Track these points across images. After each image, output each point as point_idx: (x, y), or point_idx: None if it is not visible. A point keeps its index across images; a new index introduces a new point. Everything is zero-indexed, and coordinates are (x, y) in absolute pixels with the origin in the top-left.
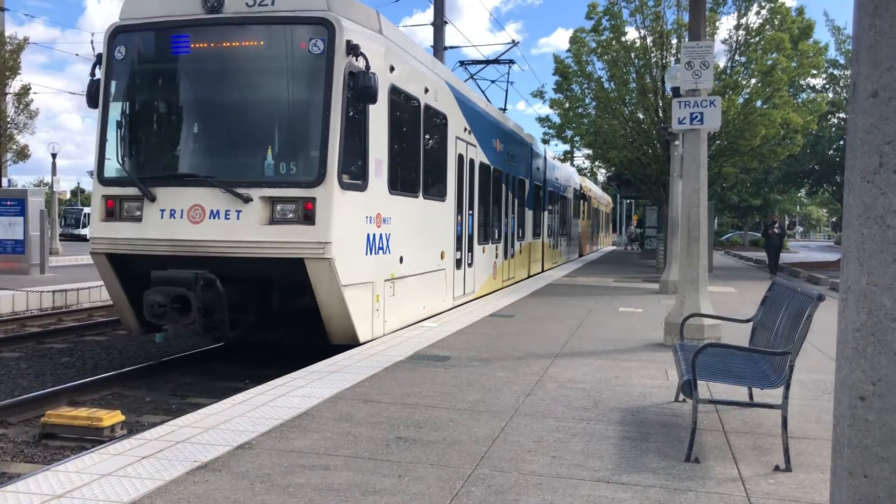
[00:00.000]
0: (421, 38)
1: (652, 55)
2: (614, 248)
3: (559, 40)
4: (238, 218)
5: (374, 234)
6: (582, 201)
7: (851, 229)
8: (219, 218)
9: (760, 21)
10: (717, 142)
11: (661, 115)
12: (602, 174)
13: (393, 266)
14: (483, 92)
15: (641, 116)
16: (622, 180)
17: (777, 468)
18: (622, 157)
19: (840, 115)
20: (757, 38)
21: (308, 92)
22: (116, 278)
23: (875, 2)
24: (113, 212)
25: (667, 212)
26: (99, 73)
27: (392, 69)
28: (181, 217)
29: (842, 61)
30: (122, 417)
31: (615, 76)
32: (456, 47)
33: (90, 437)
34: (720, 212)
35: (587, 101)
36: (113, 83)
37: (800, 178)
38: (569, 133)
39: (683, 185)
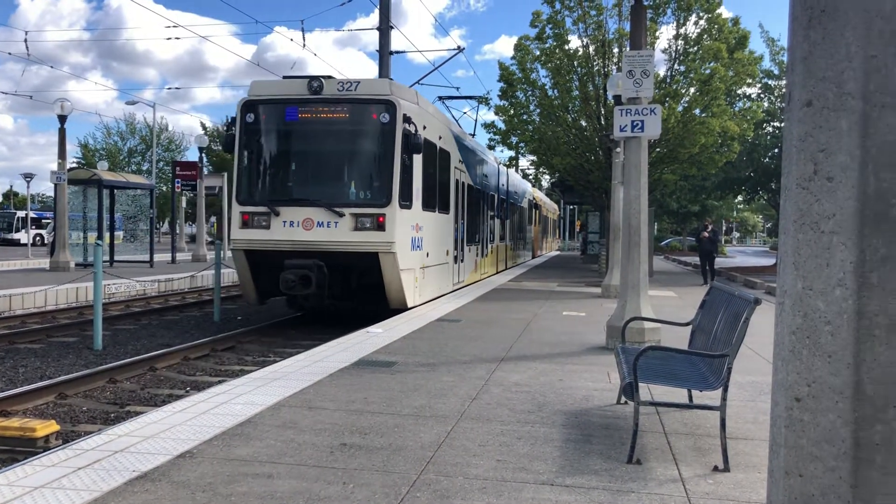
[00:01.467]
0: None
1: (594, 64)
2: (559, 252)
3: (503, 47)
4: (336, 226)
5: (414, 237)
6: (534, 210)
7: (787, 235)
8: (323, 226)
9: (698, 31)
10: (658, 149)
11: (603, 122)
12: (546, 180)
13: (423, 259)
14: (457, 120)
15: (584, 124)
16: (566, 186)
17: (716, 468)
18: (565, 164)
19: (775, 124)
20: (695, 48)
21: (379, 146)
22: (247, 266)
23: (809, 14)
24: (247, 223)
25: (609, 217)
26: (233, 130)
27: (424, 128)
28: (298, 226)
29: (776, 72)
30: (57, 427)
31: (558, 84)
32: (401, 52)
33: (22, 449)
34: (660, 217)
35: (531, 108)
36: (245, 137)
37: (737, 184)
38: (514, 139)
39: (625, 191)
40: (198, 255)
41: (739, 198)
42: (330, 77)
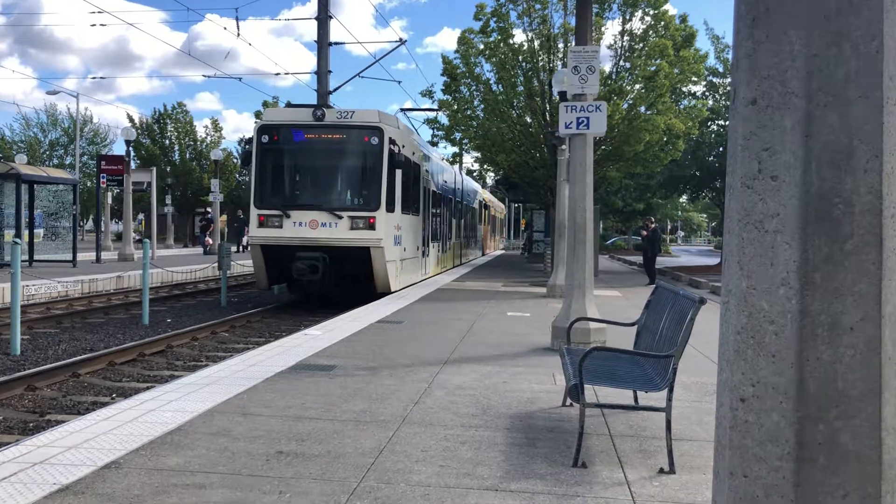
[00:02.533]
0: (301, 31)
1: (539, 59)
2: (503, 251)
3: (445, 40)
4: (336, 226)
5: (396, 235)
6: (484, 210)
7: (732, 234)
8: (326, 226)
9: (644, 27)
10: (603, 146)
11: (548, 119)
12: (491, 177)
13: (402, 252)
14: (416, 129)
15: (529, 120)
16: (510, 184)
17: (661, 470)
18: (510, 161)
19: (719, 122)
20: (641, 45)
21: (370, 163)
22: (262, 258)
23: (753, 13)
24: (263, 223)
25: (554, 215)
26: (250, 148)
27: (403, 147)
28: (305, 226)
29: (721, 69)
30: None
31: (503, 79)
32: (340, 43)
33: None
34: (605, 216)
35: (476, 103)
36: (260, 154)
37: (681, 183)
38: (457, 135)
39: (570, 188)
40: (124, 255)
41: (684, 197)
42: (330, 107)
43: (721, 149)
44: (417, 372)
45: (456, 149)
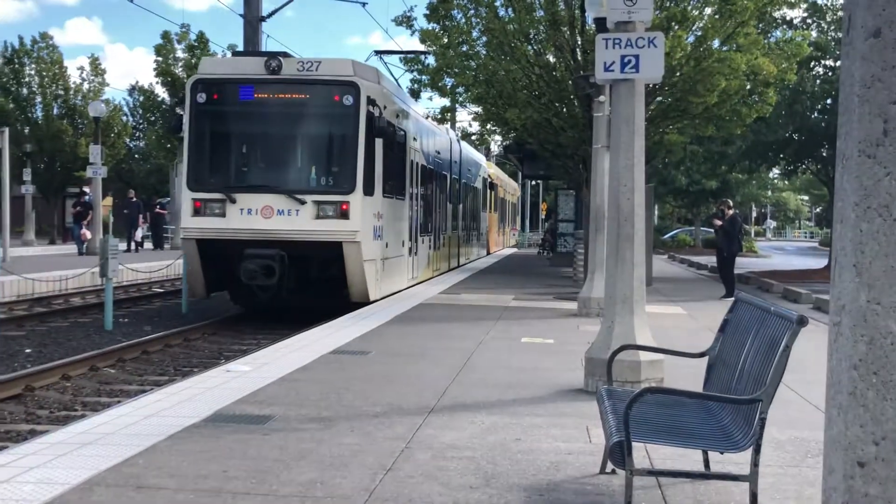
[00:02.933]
0: None
1: None
2: (515, 249)
3: None
4: (297, 214)
5: (376, 226)
6: (490, 191)
7: (846, 224)
8: (283, 214)
9: None
10: (659, 98)
11: (580, 58)
12: (496, 144)
13: (384, 250)
14: (396, 79)
15: (552, 60)
16: (525, 153)
17: None
18: (525, 119)
19: (828, 63)
20: None
21: (342, 130)
22: (198, 257)
23: None
24: (199, 210)
25: (588, 198)
26: (180, 111)
27: (385, 108)
28: (256, 214)
29: None
30: None
31: (515, 1)
32: None
33: None
34: (663, 199)
35: (475, 34)
36: (195, 118)
37: (773, 151)
38: (448, 82)
39: (611, 160)
40: None
41: (776, 171)
42: (288, 55)
43: (830, 101)
44: (391, 424)
45: (446, 101)
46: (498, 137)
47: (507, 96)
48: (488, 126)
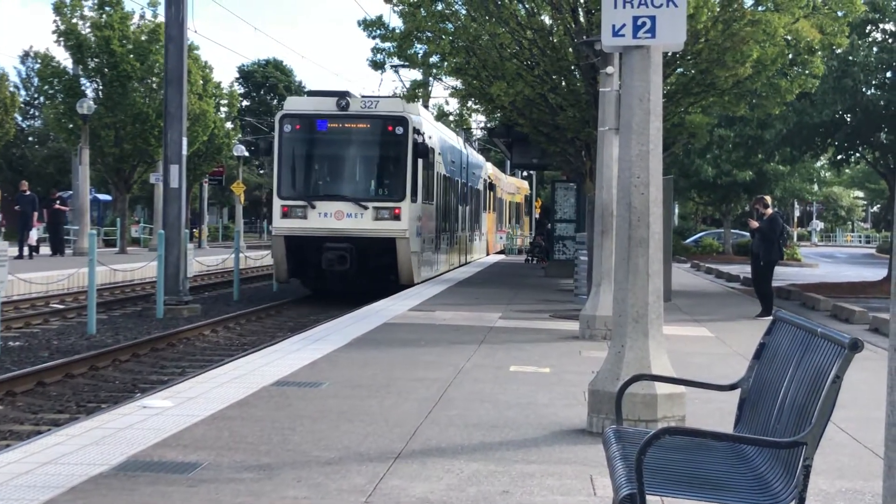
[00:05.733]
0: None
1: None
2: (503, 256)
3: None
4: (361, 217)
5: (418, 226)
6: (489, 192)
7: None
8: (351, 217)
9: None
10: (680, 70)
11: (582, 19)
12: (478, 125)
13: (422, 244)
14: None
15: (548, 21)
16: (515, 137)
17: None
18: (514, 95)
19: (888, 27)
20: None
21: (395, 153)
22: (284, 250)
23: None
24: (287, 214)
25: (592, 193)
26: (272, 137)
27: (424, 133)
28: (331, 217)
29: None
30: None
31: None
32: None
33: None
34: (685, 194)
35: None
36: (283, 144)
37: (819, 135)
38: (420, 50)
39: (621, 145)
40: None
41: (824, 159)
42: (353, 95)
43: (890, 74)
44: (348, 474)
45: (417, 73)
46: (480, 118)
47: (493, 67)
48: (469, 104)
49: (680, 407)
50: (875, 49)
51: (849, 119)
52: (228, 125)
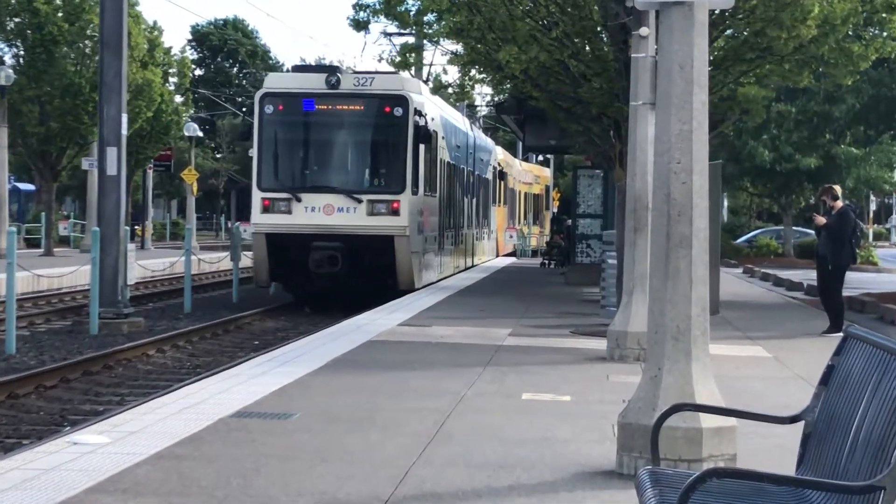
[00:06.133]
0: None
1: None
2: (514, 259)
3: None
4: (354, 211)
5: (420, 222)
6: (499, 182)
7: None
8: (343, 211)
9: None
10: (729, 31)
11: None
12: (483, 99)
13: (424, 243)
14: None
15: None
16: (528, 114)
17: None
18: (528, 63)
19: None
20: None
21: (394, 137)
22: (266, 249)
23: None
24: (268, 208)
25: (622, 182)
26: (250, 120)
27: (427, 115)
28: (319, 211)
29: None
30: None
31: None
32: None
33: None
34: (734, 183)
35: None
36: (264, 127)
37: None
38: (412, 6)
39: (659, 124)
40: None
41: None
42: (344, 70)
43: None
44: None
45: (408, 35)
46: (486, 91)
47: (501, 27)
48: (472, 73)
49: (730, 444)
50: None
51: None
52: (178, 99)
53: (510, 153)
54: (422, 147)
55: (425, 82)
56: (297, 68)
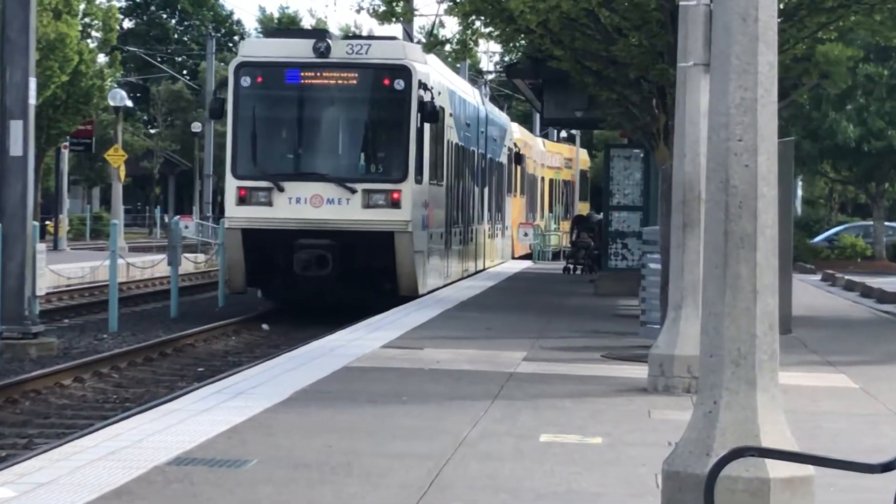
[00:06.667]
0: None
1: None
2: (529, 264)
3: None
4: (347, 203)
5: (424, 216)
6: (515, 167)
7: None
8: (333, 203)
9: None
10: None
11: None
12: (490, 58)
13: (429, 241)
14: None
15: None
16: (547, 76)
17: None
18: (546, 12)
19: None
20: None
21: (394, 115)
22: (241, 247)
23: None
24: (245, 199)
25: (668, 164)
26: (223, 94)
27: (433, 89)
28: (305, 203)
29: None
30: None
31: None
32: None
33: None
34: (812, 166)
35: None
36: (240, 103)
37: None
38: None
39: (713, 90)
40: None
41: None
42: (333, 35)
43: None
44: None
45: None
46: (494, 48)
47: None
48: (476, 26)
49: (806, 498)
50: None
51: None
52: (102, 59)
53: (525, 128)
54: (427, 127)
55: (414, 40)
56: (279, 33)
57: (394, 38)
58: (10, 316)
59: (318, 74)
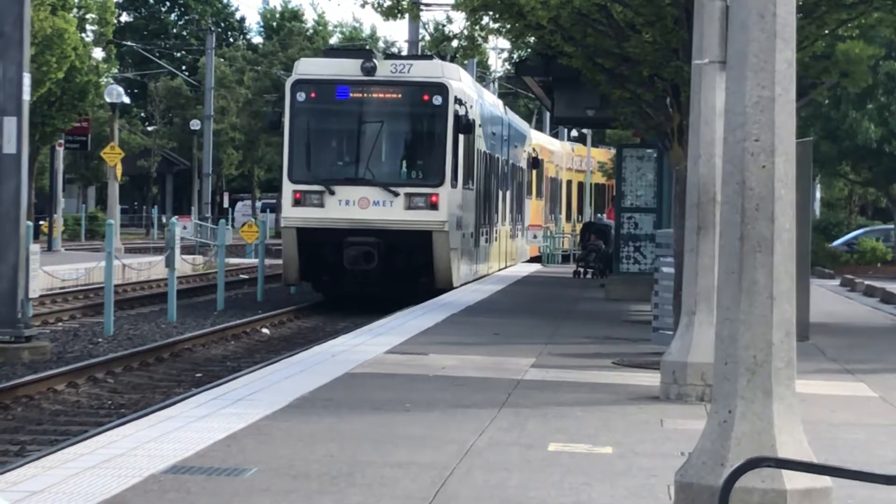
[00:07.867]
0: None
1: None
2: (540, 266)
3: None
4: (390, 205)
5: (459, 217)
6: (533, 172)
7: None
8: (378, 205)
9: None
10: None
11: None
12: (498, 55)
13: (461, 239)
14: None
15: None
16: (557, 75)
17: None
18: (557, 8)
19: None
20: None
21: (433, 127)
22: (296, 244)
23: None
24: (300, 201)
25: (682, 165)
26: (280, 107)
27: (467, 104)
28: (354, 205)
29: None
30: None
31: None
32: None
33: None
34: (831, 167)
35: None
36: (295, 115)
37: None
38: None
39: (730, 89)
40: None
41: None
42: (378, 55)
43: None
44: None
45: None
46: (503, 45)
47: None
48: (484, 21)
49: None
50: None
51: None
52: (98, 54)
53: (531, 125)
54: (461, 137)
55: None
56: (330, 53)
57: (431, 57)
58: (2, 319)
59: (366, 91)
